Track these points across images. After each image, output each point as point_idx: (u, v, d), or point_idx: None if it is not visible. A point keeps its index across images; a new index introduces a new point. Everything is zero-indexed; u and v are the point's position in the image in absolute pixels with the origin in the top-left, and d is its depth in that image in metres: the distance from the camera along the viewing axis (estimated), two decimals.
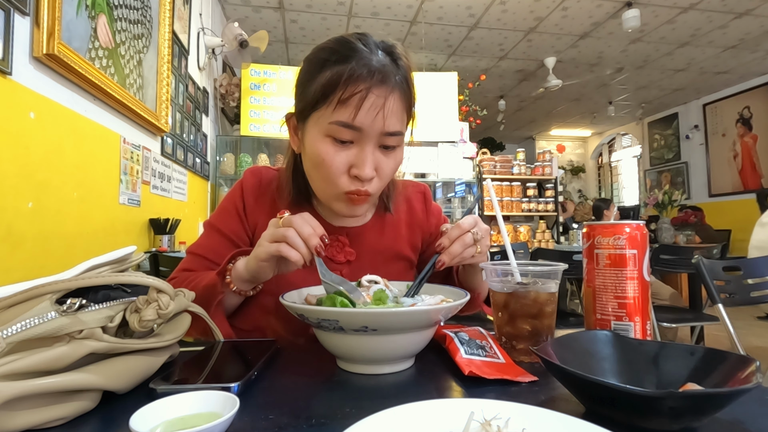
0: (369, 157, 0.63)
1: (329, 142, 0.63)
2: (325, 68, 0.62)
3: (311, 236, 0.57)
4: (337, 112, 0.61)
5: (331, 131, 0.62)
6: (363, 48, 0.63)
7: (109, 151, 1.90)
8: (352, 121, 0.60)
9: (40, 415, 0.35)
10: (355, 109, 0.60)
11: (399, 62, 0.65)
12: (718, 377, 0.38)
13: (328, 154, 0.63)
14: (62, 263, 1.51)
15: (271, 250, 0.57)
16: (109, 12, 1.83)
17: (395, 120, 0.63)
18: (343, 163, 0.63)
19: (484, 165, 4.57)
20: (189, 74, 3.02)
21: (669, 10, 4.01)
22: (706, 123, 6.60)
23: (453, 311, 0.50)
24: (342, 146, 0.63)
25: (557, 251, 2.61)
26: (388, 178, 0.68)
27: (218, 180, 3.70)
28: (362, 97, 0.60)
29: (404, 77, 0.64)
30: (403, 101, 0.64)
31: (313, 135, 0.65)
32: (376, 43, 0.65)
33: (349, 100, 0.60)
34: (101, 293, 0.41)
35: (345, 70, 0.60)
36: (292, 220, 0.58)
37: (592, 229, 0.56)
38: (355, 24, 4.25)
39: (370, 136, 0.62)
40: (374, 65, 0.61)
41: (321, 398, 0.42)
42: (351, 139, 0.62)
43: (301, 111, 0.67)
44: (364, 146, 0.63)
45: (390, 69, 0.63)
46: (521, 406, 0.34)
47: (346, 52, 0.62)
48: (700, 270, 1.40)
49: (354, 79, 0.60)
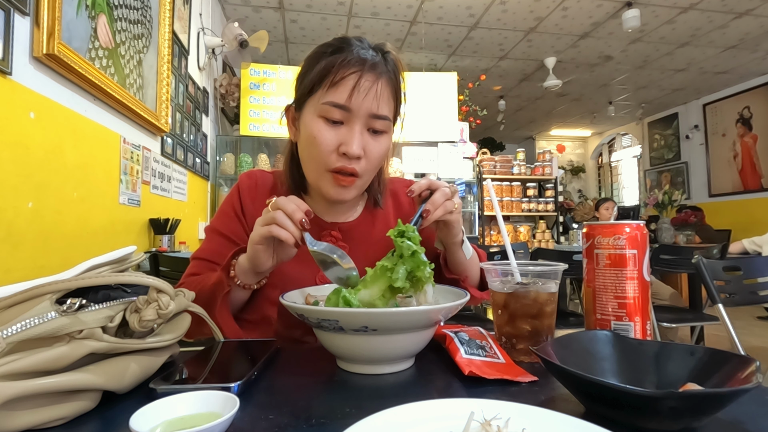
0: (357, 136, 0.68)
1: (322, 122, 0.68)
2: (321, 59, 0.69)
3: (295, 211, 0.59)
4: (329, 94, 0.67)
5: (323, 111, 0.68)
6: (357, 43, 0.71)
7: (109, 151, 1.90)
8: (342, 101, 0.66)
9: (40, 415, 0.35)
10: (345, 90, 0.66)
11: (388, 57, 0.72)
12: (718, 377, 0.38)
13: (320, 132, 0.68)
14: (62, 263, 1.51)
15: (262, 233, 0.60)
16: (109, 12, 1.83)
17: (382, 104, 0.69)
18: (333, 141, 0.68)
19: (484, 165, 4.57)
20: (189, 74, 3.02)
21: (669, 10, 4.01)
22: (706, 123, 6.60)
23: (453, 311, 0.50)
24: (333, 126, 0.68)
25: (557, 251, 2.61)
26: (375, 161, 0.72)
27: (218, 180, 3.69)
28: (352, 80, 0.66)
29: (393, 70, 0.72)
30: (390, 89, 0.71)
31: (307, 118, 0.70)
32: (370, 44, 0.73)
33: (341, 82, 0.66)
34: (101, 293, 0.41)
35: (338, 58, 0.68)
36: (278, 201, 0.61)
37: (592, 229, 0.56)
38: (355, 24, 4.25)
39: (359, 116, 0.68)
40: (365, 55, 0.69)
41: (321, 398, 0.42)
42: (341, 119, 0.68)
43: (299, 99, 0.73)
44: (353, 126, 0.68)
45: (380, 61, 0.70)
46: (521, 406, 0.34)
47: (340, 44, 0.70)
48: (700, 270, 1.40)
49: (345, 64, 0.67)
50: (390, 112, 0.71)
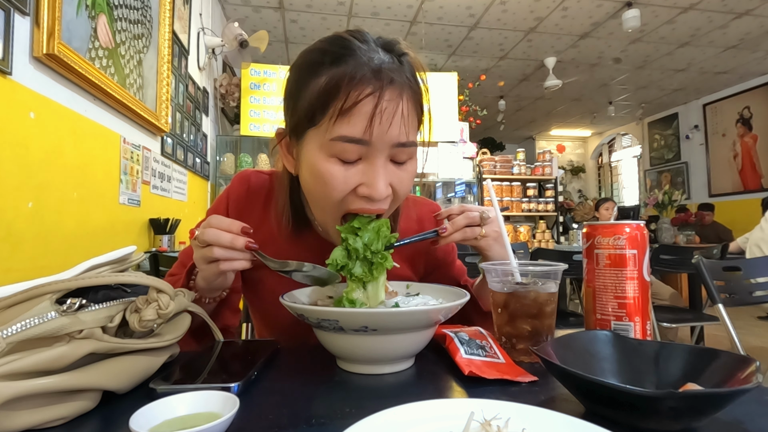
0: (381, 171, 0.53)
1: (333, 162, 0.53)
2: (318, 73, 0.53)
3: (235, 240, 0.52)
4: (338, 126, 0.51)
5: (334, 149, 0.52)
6: (360, 45, 0.53)
7: (109, 151, 1.90)
8: (359, 134, 0.51)
9: (40, 415, 0.35)
10: (361, 119, 0.50)
11: (403, 59, 0.55)
12: (718, 377, 0.38)
13: (332, 175, 0.53)
14: (62, 263, 1.51)
15: (214, 271, 0.54)
16: (109, 12, 1.83)
17: (408, 127, 0.54)
18: (350, 182, 0.53)
19: (484, 165, 4.57)
20: (189, 74, 3.02)
21: (669, 10, 4.01)
22: (706, 123, 6.60)
23: (453, 311, 0.50)
24: (348, 165, 0.53)
25: (557, 251, 2.61)
26: (403, 195, 0.58)
27: (218, 180, 3.70)
28: (369, 104, 0.50)
29: (412, 75, 0.55)
30: (414, 104, 0.55)
31: (311, 155, 0.54)
32: (375, 40, 0.55)
33: (353, 109, 0.50)
34: (101, 293, 0.41)
35: (343, 72, 0.51)
36: (206, 237, 0.53)
37: (592, 229, 0.56)
38: (355, 24, 4.25)
39: (381, 148, 0.52)
40: (376, 63, 0.52)
41: (321, 398, 0.42)
42: (358, 155, 0.53)
43: (295, 127, 0.56)
44: (374, 160, 0.53)
45: (395, 67, 0.53)
46: (521, 406, 0.34)
47: (341, 50, 0.52)
48: (700, 270, 1.40)
49: (356, 83, 0.50)
50: (416, 133, 0.57)
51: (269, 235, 0.69)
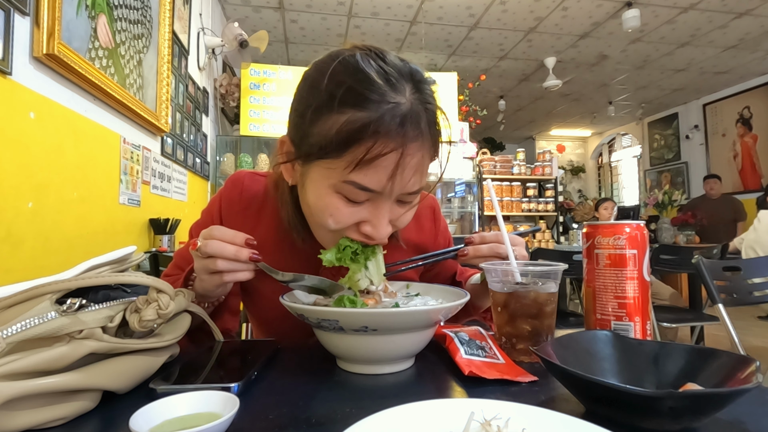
0: (385, 215, 0.54)
1: (339, 197, 0.52)
2: (339, 110, 0.49)
3: (239, 252, 0.53)
4: (355, 173, 0.49)
5: (344, 189, 0.51)
6: (388, 90, 0.49)
7: (109, 151, 1.90)
8: (377, 187, 0.50)
9: (40, 415, 0.35)
10: (380, 174, 0.49)
11: (427, 97, 0.52)
12: (718, 377, 0.38)
13: (337, 210, 0.53)
14: (62, 263, 1.51)
15: (216, 282, 0.54)
16: (109, 12, 1.83)
17: (419, 177, 0.53)
18: (352, 218, 0.53)
19: (484, 165, 4.57)
20: (189, 74, 3.02)
21: (669, 10, 4.01)
22: (706, 123, 6.60)
23: (453, 311, 0.50)
24: (354, 204, 0.53)
25: (557, 251, 2.61)
26: (403, 226, 0.59)
27: (218, 180, 3.70)
28: (391, 161, 0.49)
29: (433, 118, 0.53)
30: (432, 152, 0.54)
31: (318, 185, 0.53)
32: (401, 72, 0.51)
33: (374, 162, 0.48)
34: (101, 293, 0.41)
35: (367, 119, 0.47)
36: (209, 249, 0.52)
37: (592, 229, 0.56)
38: (355, 24, 4.25)
39: (390, 197, 0.53)
40: (403, 112, 0.48)
41: (321, 398, 0.42)
42: (366, 198, 0.52)
43: (306, 154, 0.53)
44: (382, 204, 0.53)
45: (421, 113, 0.50)
46: (521, 406, 0.34)
47: (367, 94, 0.48)
48: (700, 270, 1.40)
49: (382, 137, 0.47)
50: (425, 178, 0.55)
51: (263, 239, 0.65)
